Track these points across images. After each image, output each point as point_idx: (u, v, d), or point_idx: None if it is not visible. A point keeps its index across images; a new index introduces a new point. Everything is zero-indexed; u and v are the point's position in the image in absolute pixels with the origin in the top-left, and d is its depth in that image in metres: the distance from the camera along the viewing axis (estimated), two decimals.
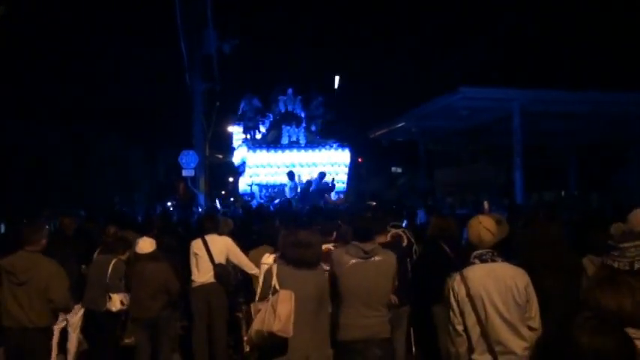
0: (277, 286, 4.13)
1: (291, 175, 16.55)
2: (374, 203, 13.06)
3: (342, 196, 17.47)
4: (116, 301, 6.43)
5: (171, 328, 6.90)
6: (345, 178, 18.18)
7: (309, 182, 16.26)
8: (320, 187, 16.23)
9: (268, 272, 4.32)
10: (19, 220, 12.23)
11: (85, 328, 6.89)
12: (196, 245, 6.86)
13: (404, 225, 7.26)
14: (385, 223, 6.09)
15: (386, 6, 33.02)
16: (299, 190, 16.36)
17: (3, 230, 13.54)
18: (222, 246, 6.82)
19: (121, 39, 24.24)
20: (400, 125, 17.50)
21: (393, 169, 38.10)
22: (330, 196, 16.41)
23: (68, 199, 19.72)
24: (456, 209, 13.37)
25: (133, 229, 8.04)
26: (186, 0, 17.88)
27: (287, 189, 16.71)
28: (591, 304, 2.53)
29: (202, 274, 6.74)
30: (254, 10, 29.28)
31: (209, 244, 6.81)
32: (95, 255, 7.02)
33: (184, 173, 18.08)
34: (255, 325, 4.11)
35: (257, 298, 4.33)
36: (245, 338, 4.42)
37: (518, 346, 3.59)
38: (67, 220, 7.77)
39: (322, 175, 16.51)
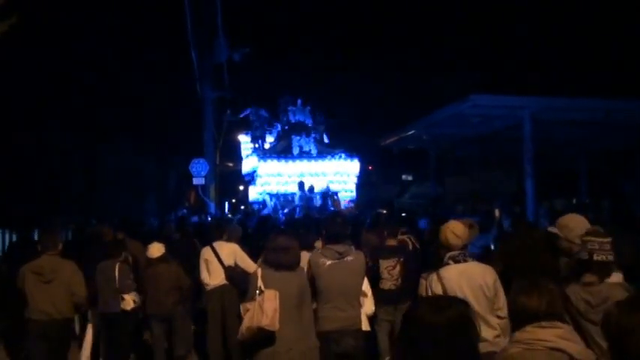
0: (262, 287, 4.68)
1: (301, 185, 16.71)
2: (384, 211, 13.08)
3: (351, 204, 17.54)
4: (129, 301, 7.02)
5: (186, 327, 7.61)
6: (353, 187, 18.32)
7: (311, 189, 16.48)
8: (323, 194, 16.53)
9: (254, 275, 4.90)
10: (31, 229, 12.33)
11: (101, 330, 7.45)
12: (206, 253, 7.45)
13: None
14: (396, 229, 7.05)
15: (395, 13, 33.03)
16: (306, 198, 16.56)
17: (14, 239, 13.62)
18: (230, 251, 7.33)
19: (132, 47, 24.35)
20: (411, 133, 17.44)
21: (404, 176, 38.01)
22: (332, 203, 16.58)
23: (80, 208, 19.82)
24: (459, 217, 13.27)
25: (130, 236, 8.62)
26: (196, 9, 17.99)
27: (297, 198, 16.86)
28: (517, 306, 3.00)
29: (214, 277, 7.25)
30: (264, 19, 29.37)
31: (217, 250, 7.33)
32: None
33: (195, 182, 18.17)
34: (246, 323, 4.67)
35: (246, 300, 4.86)
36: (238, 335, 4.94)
37: (489, 334, 4.12)
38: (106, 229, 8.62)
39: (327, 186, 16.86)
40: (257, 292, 4.69)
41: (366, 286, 5.66)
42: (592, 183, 20.56)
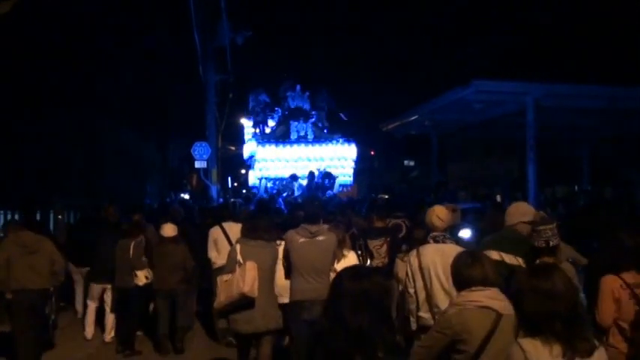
0: (241, 260, 5.35)
1: (294, 177, 16.88)
2: (386, 196, 13.12)
3: (348, 189, 17.69)
4: (141, 277, 7.67)
5: (189, 303, 8.15)
6: (351, 172, 18.48)
7: (311, 175, 16.52)
8: (322, 181, 16.66)
9: (233, 250, 5.58)
10: (33, 209, 12.38)
11: (117, 303, 8.17)
12: (215, 232, 7.98)
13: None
14: (385, 212, 7.71)
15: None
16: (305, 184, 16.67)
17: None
18: (238, 231, 7.50)
19: (134, 28, 24.22)
20: (413, 118, 17.40)
21: (406, 162, 37.98)
22: (333, 189, 16.71)
23: (81, 189, 19.84)
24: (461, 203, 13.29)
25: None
26: None
27: (295, 186, 17.00)
28: (463, 276, 3.55)
29: (222, 256, 7.56)
30: (267, 3, 29.19)
31: (227, 230, 7.85)
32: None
33: (197, 165, 18.19)
34: (226, 292, 5.29)
35: (223, 272, 5.52)
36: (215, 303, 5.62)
37: None
38: (111, 209, 9.45)
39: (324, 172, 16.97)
40: (237, 265, 5.32)
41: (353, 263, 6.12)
42: (595, 170, 20.53)
